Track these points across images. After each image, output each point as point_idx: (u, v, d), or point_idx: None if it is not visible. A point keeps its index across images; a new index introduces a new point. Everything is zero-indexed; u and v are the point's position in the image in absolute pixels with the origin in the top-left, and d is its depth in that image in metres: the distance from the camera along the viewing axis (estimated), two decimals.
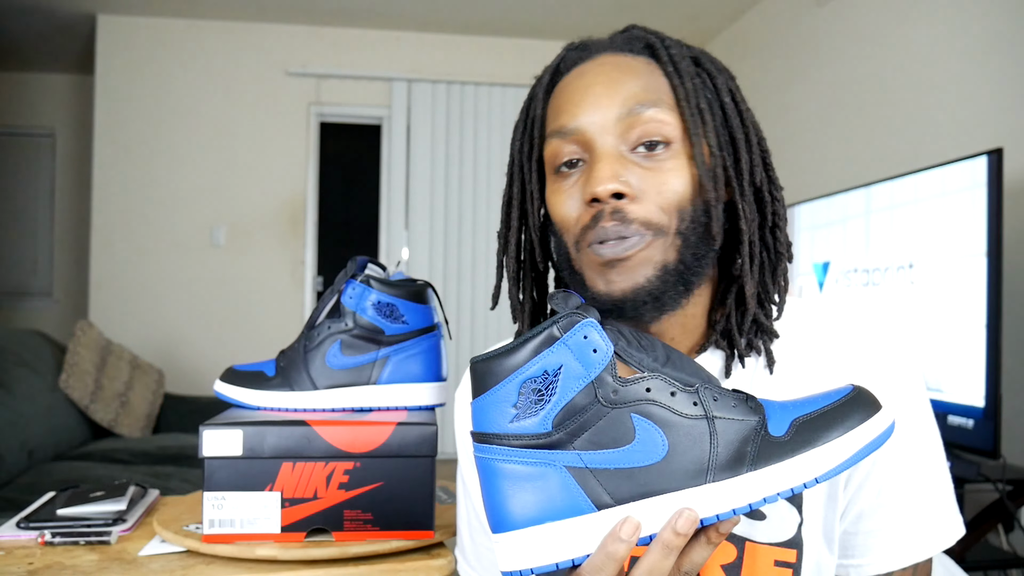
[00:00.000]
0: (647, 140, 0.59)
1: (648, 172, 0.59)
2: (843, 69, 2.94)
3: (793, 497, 0.60)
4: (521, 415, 0.45)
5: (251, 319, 3.97)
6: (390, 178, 4.11)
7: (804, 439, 0.45)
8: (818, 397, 0.48)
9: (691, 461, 0.45)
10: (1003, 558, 1.75)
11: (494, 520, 0.46)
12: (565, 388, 0.45)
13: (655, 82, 0.61)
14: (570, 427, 0.45)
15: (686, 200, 0.59)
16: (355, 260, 0.88)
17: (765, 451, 0.45)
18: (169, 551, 0.79)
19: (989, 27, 2.24)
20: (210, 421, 0.78)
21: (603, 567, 0.44)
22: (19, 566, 0.74)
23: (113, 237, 3.88)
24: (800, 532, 0.61)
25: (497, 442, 0.46)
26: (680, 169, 0.59)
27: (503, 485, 0.46)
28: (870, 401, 0.47)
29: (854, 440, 0.46)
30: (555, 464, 0.45)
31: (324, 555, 0.75)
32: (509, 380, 0.46)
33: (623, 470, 0.45)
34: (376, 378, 0.85)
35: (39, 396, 2.37)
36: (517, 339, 0.46)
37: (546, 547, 0.45)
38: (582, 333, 0.46)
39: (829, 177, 2.88)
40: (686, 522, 0.44)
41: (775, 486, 0.45)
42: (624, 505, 0.45)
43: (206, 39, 3.97)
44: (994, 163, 1.64)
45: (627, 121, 0.59)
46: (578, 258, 0.62)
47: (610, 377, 0.46)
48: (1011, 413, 1.78)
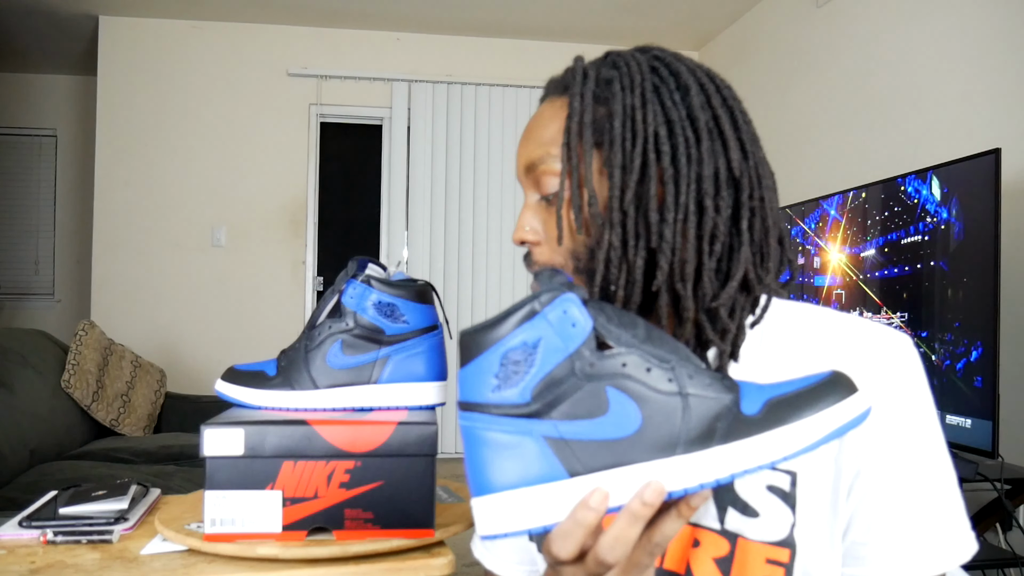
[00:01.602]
0: (542, 194, 0.65)
1: (548, 220, 0.65)
2: (842, 69, 2.94)
3: (787, 496, 0.61)
4: (502, 385, 0.47)
5: (252, 319, 3.98)
6: (390, 178, 4.12)
7: (775, 417, 0.46)
8: (796, 380, 0.49)
9: (662, 435, 0.46)
10: (1001, 557, 1.75)
11: (474, 485, 0.48)
12: (544, 360, 0.47)
13: (555, 137, 0.62)
14: (548, 398, 0.46)
15: (579, 243, 0.61)
16: (355, 260, 0.88)
17: (735, 428, 0.46)
18: (171, 550, 0.79)
19: (988, 27, 2.25)
20: (211, 420, 0.78)
21: (571, 533, 0.46)
22: (21, 565, 0.74)
23: (115, 237, 3.89)
24: (793, 533, 0.61)
25: (479, 410, 0.47)
26: (564, 217, 0.62)
27: (484, 452, 0.47)
28: (846, 384, 0.48)
29: (825, 420, 0.46)
30: (532, 433, 0.46)
31: (325, 554, 0.75)
32: (491, 351, 0.47)
33: (596, 441, 0.46)
34: (377, 378, 0.86)
35: (41, 396, 2.38)
36: (501, 312, 0.48)
37: (520, 512, 0.46)
38: (562, 308, 0.47)
39: (828, 177, 2.88)
40: (653, 493, 0.45)
41: (743, 462, 0.46)
42: (595, 474, 0.46)
43: (208, 40, 3.98)
44: (992, 163, 1.64)
45: (531, 177, 0.66)
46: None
47: (587, 351, 0.47)
48: (1009, 412, 1.78)
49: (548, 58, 4.16)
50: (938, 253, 1.81)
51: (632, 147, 0.58)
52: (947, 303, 1.77)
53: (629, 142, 0.58)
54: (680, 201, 0.57)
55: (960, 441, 1.70)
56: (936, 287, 1.81)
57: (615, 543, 0.46)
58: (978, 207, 1.68)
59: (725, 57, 3.89)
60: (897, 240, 1.97)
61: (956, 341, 1.73)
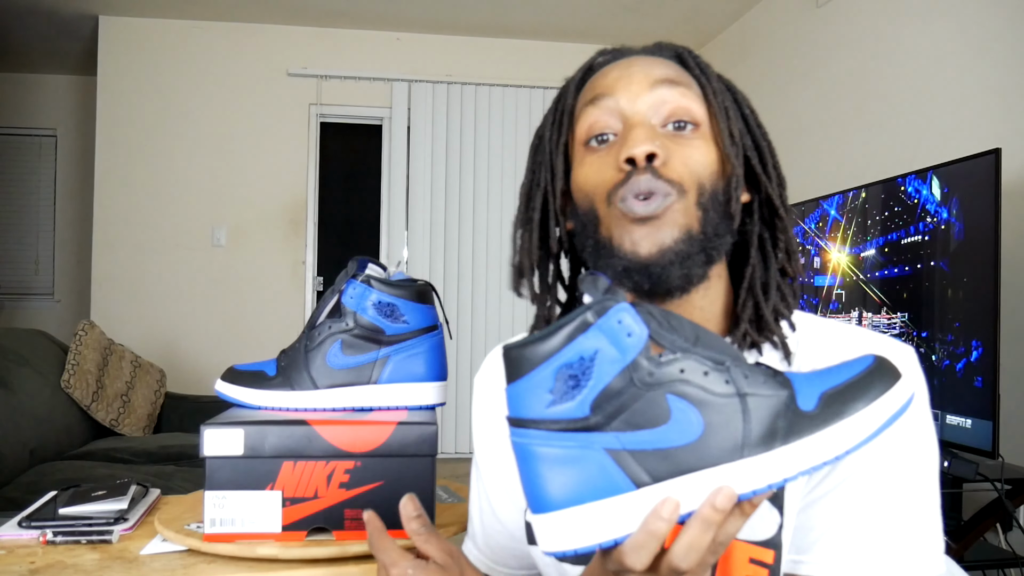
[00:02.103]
0: (676, 120, 0.64)
1: (676, 145, 0.63)
2: (842, 69, 2.94)
3: (775, 498, 0.61)
4: (558, 400, 0.46)
5: (252, 319, 3.98)
6: (390, 178, 4.12)
7: (832, 412, 0.47)
8: (842, 368, 0.49)
9: (726, 438, 0.46)
10: (1001, 557, 1.75)
11: (534, 502, 0.47)
12: (601, 372, 0.46)
13: (685, 76, 0.67)
14: (607, 410, 0.46)
15: (707, 176, 0.63)
16: (355, 260, 0.88)
17: (796, 425, 0.47)
18: (170, 550, 0.79)
19: (988, 27, 2.25)
20: (211, 420, 0.78)
21: (645, 545, 0.45)
22: (21, 565, 0.74)
23: (115, 237, 3.89)
24: (780, 534, 0.61)
25: (534, 426, 0.47)
26: (705, 148, 0.64)
27: (541, 468, 0.46)
28: (891, 370, 0.49)
29: (879, 410, 0.47)
30: (593, 446, 0.46)
31: (325, 554, 0.75)
32: (544, 366, 0.46)
33: (660, 450, 0.46)
34: (377, 378, 0.86)
35: (41, 396, 2.38)
36: (550, 326, 0.47)
37: (587, 527, 0.46)
38: (616, 318, 0.46)
39: (828, 177, 2.88)
40: (725, 498, 0.45)
41: (807, 460, 0.46)
42: (662, 483, 0.46)
43: (207, 40, 3.98)
44: (992, 163, 1.64)
45: (659, 97, 0.64)
46: (608, 216, 0.64)
47: (645, 360, 0.46)
48: (1009, 412, 1.78)
49: (548, 58, 4.16)
50: (938, 253, 1.81)
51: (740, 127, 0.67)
52: (947, 303, 1.77)
53: (756, 128, 0.68)
54: (783, 181, 0.68)
55: (960, 441, 1.70)
56: (936, 287, 1.81)
57: (689, 550, 0.45)
58: (978, 207, 1.68)
59: (725, 57, 3.89)
60: (897, 240, 1.97)
61: (956, 341, 1.73)
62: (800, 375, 0.49)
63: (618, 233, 0.63)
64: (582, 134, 0.67)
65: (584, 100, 0.68)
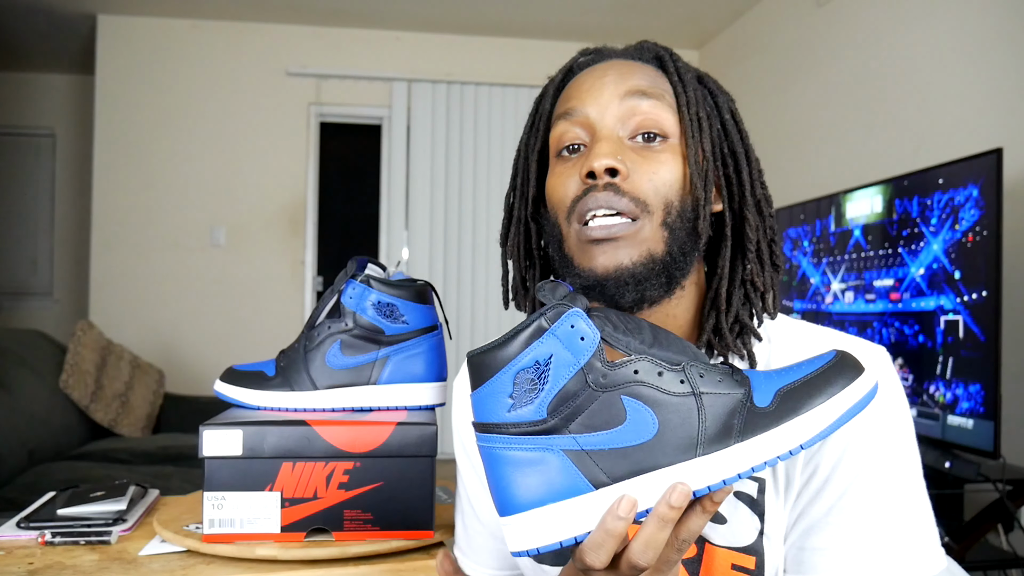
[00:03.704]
0: (645, 131, 0.63)
1: (642, 159, 0.62)
2: (843, 69, 2.94)
3: (755, 504, 0.61)
4: (517, 404, 0.48)
5: (251, 319, 3.97)
6: (390, 178, 4.11)
7: (788, 408, 0.48)
8: (802, 364, 0.51)
9: (681, 437, 0.47)
10: (1003, 558, 1.75)
11: (500, 504, 0.49)
12: (557, 376, 0.47)
13: (661, 83, 0.65)
14: (564, 412, 0.47)
15: (675, 193, 0.62)
16: (355, 260, 0.88)
17: (751, 422, 0.48)
18: (169, 551, 0.79)
19: (989, 27, 2.24)
20: (210, 421, 0.78)
21: (603, 543, 0.46)
22: (19, 566, 0.74)
23: (113, 237, 3.88)
24: (761, 540, 0.61)
25: (497, 431, 0.48)
26: (673, 164, 0.62)
27: (506, 471, 0.48)
28: (852, 364, 0.49)
29: (837, 405, 0.48)
30: (553, 448, 0.47)
31: (324, 555, 0.75)
32: (504, 372, 0.48)
33: (617, 450, 0.47)
34: (376, 378, 0.85)
35: (39, 396, 2.37)
36: (509, 332, 0.49)
37: (549, 527, 0.47)
38: (569, 323, 0.48)
39: (827, 177, 2.88)
40: (679, 495, 0.46)
41: (762, 455, 0.47)
42: (620, 483, 0.47)
43: (206, 39, 3.97)
44: (994, 163, 1.64)
45: (628, 108, 0.63)
46: (568, 234, 0.64)
47: (599, 363, 0.48)
48: (1011, 413, 1.78)
49: (548, 58, 4.13)
50: (939, 252, 1.80)
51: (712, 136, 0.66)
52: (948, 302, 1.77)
53: (735, 133, 0.67)
54: (768, 194, 0.67)
55: (962, 442, 1.69)
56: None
57: (646, 547, 0.46)
58: (980, 207, 1.68)
59: (725, 57, 3.89)
60: (897, 240, 1.96)
61: (957, 342, 1.73)
62: (760, 373, 0.50)
63: (578, 251, 0.63)
64: (554, 143, 0.67)
65: (558, 110, 0.67)
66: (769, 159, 0.69)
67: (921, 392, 1.84)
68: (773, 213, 0.68)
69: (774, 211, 0.68)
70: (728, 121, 0.67)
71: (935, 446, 1.77)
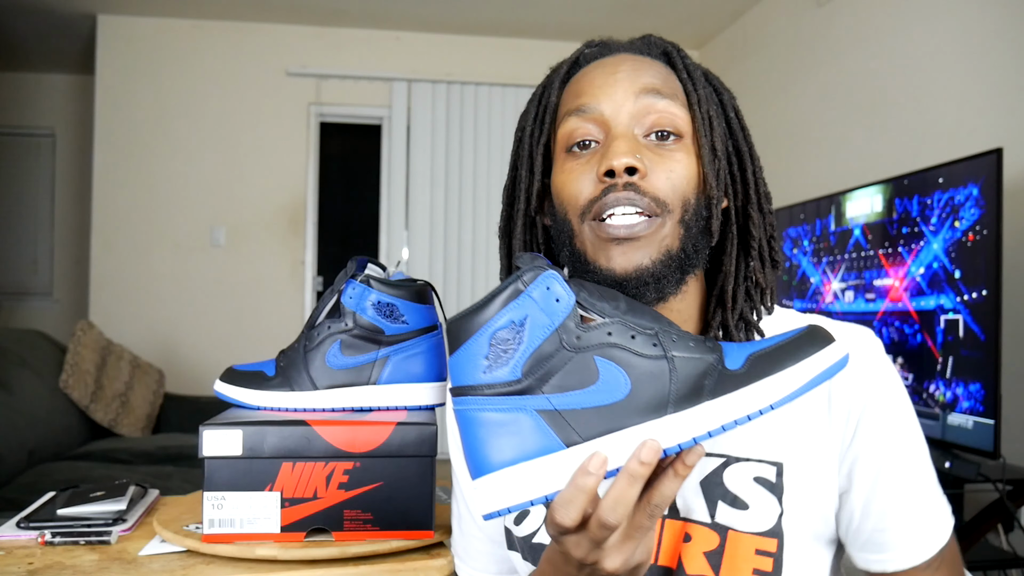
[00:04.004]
0: (660, 129, 0.63)
1: (659, 157, 0.63)
2: (843, 69, 2.94)
3: (774, 488, 0.62)
4: (493, 366, 0.48)
5: (251, 319, 3.97)
6: (390, 178, 4.11)
7: (759, 370, 0.48)
8: (775, 336, 0.52)
9: (652, 396, 0.48)
10: (1003, 558, 1.75)
11: (473, 467, 0.49)
12: (532, 337, 0.48)
13: (671, 81, 0.66)
14: (538, 373, 0.48)
15: (690, 190, 0.63)
16: (355, 260, 0.88)
17: (722, 383, 0.48)
18: (169, 551, 0.79)
19: (989, 27, 2.24)
20: (210, 421, 0.78)
21: (573, 499, 0.46)
22: (19, 566, 0.74)
23: (113, 237, 3.88)
24: (780, 523, 0.62)
25: (472, 393, 0.48)
26: (687, 162, 0.63)
27: (480, 432, 0.48)
28: (823, 336, 0.50)
29: (807, 369, 0.48)
30: (526, 408, 0.48)
31: (324, 555, 0.75)
32: (480, 334, 0.48)
33: (589, 409, 0.48)
34: (376, 378, 0.85)
35: (39, 396, 2.37)
36: (486, 295, 0.49)
37: (520, 486, 0.47)
38: (545, 284, 0.48)
39: (827, 177, 2.88)
40: (649, 451, 0.46)
41: (731, 414, 0.48)
42: (591, 441, 0.48)
43: (206, 39, 3.97)
44: (994, 163, 1.64)
45: (643, 106, 0.63)
46: (581, 232, 0.63)
47: (573, 324, 0.48)
48: (1011, 413, 1.78)
49: (548, 58, 4.08)
50: (939, 252, 1.80)
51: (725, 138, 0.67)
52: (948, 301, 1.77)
53: (739, 131, 0.68)
54: (768, 191, 0.68)
55: (962, 441, 1.69)
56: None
57: (616, 504, 0.46)
58: (980, 205, 1.68)
59: (725, 57, 3.89)
60: (897, 239, 1.96)
61: (958, 341, 1.73)
62: (733, 344, 0.51)
63: (593, 249, 0.63)
64: (563, 139, 0.66)
65: (567, 106, 0.66)
66: (769, 159, 0.69)
67: (921, 391, 1.84)
68: (772, 210, 0.69)
69: (773, 208, 0.69)
70: (732, 119, 0.67)
71: (935, 446, 1.77)
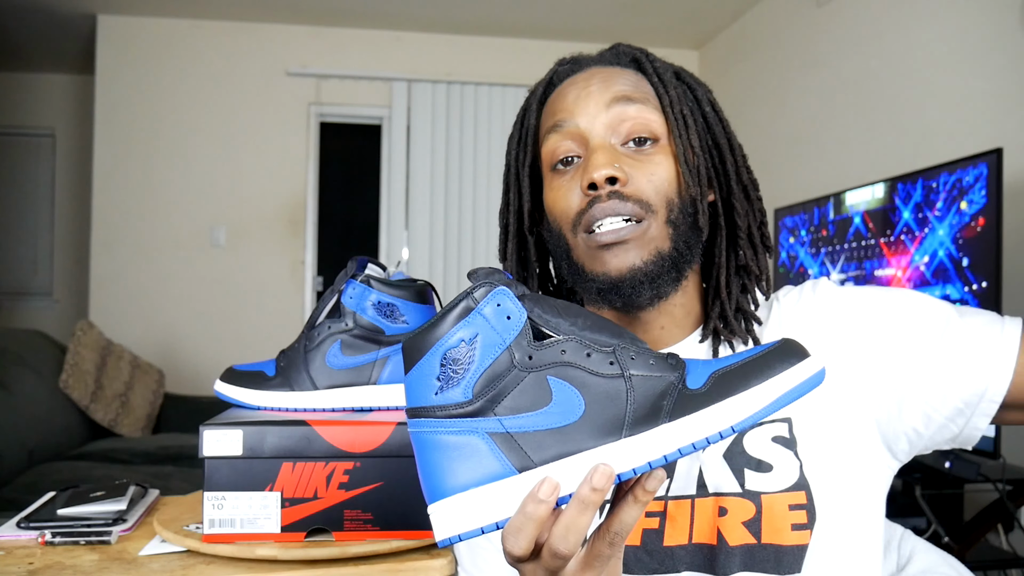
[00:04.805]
0: (636, 136, 0.65)
1: (638, 162, 0.64)
2: (842, 69, 2.94)
3: (789, 443, 0.63)
4: (444, 386, 0.46)
5: (251, 319, 3.97)
6: (390, 178, 4.11)
7: (721, 389, 0.46)
8: (745, 352, 0.49)
9: (608, 418, 0.46)
10: (1003, 558, 1.74)
11: (428, 492, 0.47)
12: (483, 356, 0.46)
13: (642, 86, 0.67)
14: (490, 394, 0.46)
15: (673, 191, 0.64)
16: (355, 260, 0.88)
17: (681, 404, 0.46)
18: (169, 551, 0.79)
19: (989, 27, 2.24)
20: (210, 421, 0.78)
21: (522, 528, 0.44)
22: (19, 566, 0.74)
23: (113, 237, 3.88)
24: (803, 474, 0.63)
25: (425, 415, 0.47)
26: (667, 163, 0.65)
27: (434, 456, 0.47)
28: (796, 350, 0.47)
29: (773, 387, 0.45)
30: (478, 431, 0.46)
31: (324, 555, 0.75)
32: (431, 353, 0.47)
33: (542, 431, 0.46)
34: (376, 378, 0.85)
35: (39, 396, 2.37)
36: (439, 312, 0.48)
37: (473, 512, 0.46)
38: (496, 301, 0.47)
39: (827, 177, 2.88)
40: (601, 477, 0.44)
41: (689, 437, 0.45)
42: (544, 466, 0.45)
43: (206, 39, 3.97)
44: (994, 163, 1.64)
45: (616, 115, 0.65)
46: (576, 245, 0.65)
47: (525, 342, 0.47)
48: None
49: (548, 58, 4.09)
50: (939, 252, 1.80)
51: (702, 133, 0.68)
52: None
53: (717, 124, 0.69)
54: (753, 179, 0.69)
55: None
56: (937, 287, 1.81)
57: (567, 532, 0.44)
58: (980, 207, 1.68)
59: (725, 57, 3.89)
60: (897, 239, 1.96)
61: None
62: (699, 360, 0.49)
63: (588, 259, 0.65)
64: (547, 158, 0.68)
65: (546, 125, 0.68)
66: (769, 159, 0.70)
67: None
68: (760, 197, 0.70)
69: (760, 195, 0.70)
70: (709, 113, 0.68)
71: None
